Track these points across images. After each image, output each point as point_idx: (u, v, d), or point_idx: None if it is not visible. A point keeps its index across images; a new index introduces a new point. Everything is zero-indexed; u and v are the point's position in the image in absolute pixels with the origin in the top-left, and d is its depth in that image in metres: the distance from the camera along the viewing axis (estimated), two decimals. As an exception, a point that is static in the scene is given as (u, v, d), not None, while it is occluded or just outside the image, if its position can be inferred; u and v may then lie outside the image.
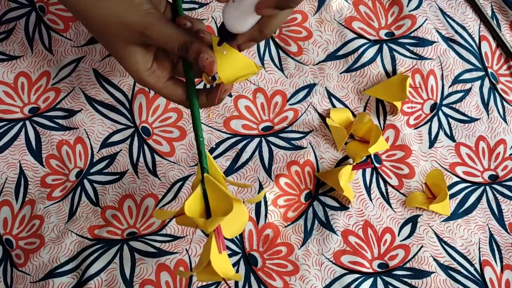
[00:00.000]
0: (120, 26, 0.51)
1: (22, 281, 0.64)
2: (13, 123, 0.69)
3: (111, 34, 0.52)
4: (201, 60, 0.49)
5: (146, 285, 0.64)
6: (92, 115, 0.70)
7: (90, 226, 0.66)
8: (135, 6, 0.51)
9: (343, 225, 0.68)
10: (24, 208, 0.67)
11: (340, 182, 0.64)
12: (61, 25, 0.73)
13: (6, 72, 0.71)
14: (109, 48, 0.55)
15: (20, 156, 0.69)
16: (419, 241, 0.68)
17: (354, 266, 0.66)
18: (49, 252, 0.65)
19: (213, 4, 0.73)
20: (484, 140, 0.73)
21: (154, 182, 0.68)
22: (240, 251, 0.66)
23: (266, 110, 0.72)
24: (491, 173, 0.72)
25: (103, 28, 0.53)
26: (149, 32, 0.51)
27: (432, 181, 0.69)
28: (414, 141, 0.72)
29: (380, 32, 0.75)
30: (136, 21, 0.51)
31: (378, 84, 0.73)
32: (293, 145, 0.70)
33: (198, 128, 0.54)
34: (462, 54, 0.75)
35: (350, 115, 0.71)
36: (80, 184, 0.68)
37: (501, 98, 0.75)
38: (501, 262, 0.68)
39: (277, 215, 0.67)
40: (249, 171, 0.69)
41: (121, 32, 0.52)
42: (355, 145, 0.70)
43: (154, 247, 0.65)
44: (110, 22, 0.52)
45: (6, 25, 0.72)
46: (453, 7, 0.77)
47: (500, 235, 0.69)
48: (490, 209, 0.70)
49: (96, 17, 0.52)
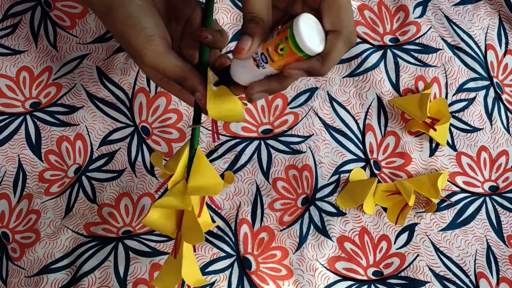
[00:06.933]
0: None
1: (17, 275, 0.65)
2: (14, 117, 0.70)
3: None
4: (196, 98, 0.49)
5: (140, 284, 0.64)
6: (93, 112, 0.70)
7: (86, 223, 0.66)
8: (141, 30, 0.50)
9: (339, 231, 0.67)
10: (22, 202, 0.68)
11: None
12: (67, 22, 0.73)
13: (9, 66, 0.71)
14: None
15: (20, 150, 0.69)
16: (415, 250, 0.67)
17: (349, 273, 0.66)
18: (44, 247, 0.65)
19: (216, 5, 0.73)
20: (486, 150, 0.72)
21: (151, 181, 0.68)
22: (234, 253, 0.66)
23: (266, 113, 0.71)
24: (491, 184, 0.71)
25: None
26: (147, 58, 0.49)
27: (436, 109, 0.70)
28: (415, 149, 0.71)
29: (384, 38, 0.75)
30: (137, 42, 0.50)
31: (406, 96, 0.73)
32: (292, 149, 0.70)
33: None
34: (467, 63, 0.75)
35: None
36: (78, 181, 0.68)
37: (505, 108, 0.74)
38: (497, 275, 0.67)
39: (273, 219, 0.67)
40: (247, 173, 0.69)
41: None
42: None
43: (148, 246, 0.65)
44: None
45: (12, 19, 0.72)
46: (460, 14, 0.77)
47: (498, 247, 0.68)
48: (489, 220, 0.69)
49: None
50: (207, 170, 0.50)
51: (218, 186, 0.49)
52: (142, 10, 0.50)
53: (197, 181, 0.50)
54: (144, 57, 0.49)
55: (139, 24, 0.49)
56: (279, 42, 0.43)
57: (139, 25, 0.49)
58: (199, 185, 0.50)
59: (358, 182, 0.69)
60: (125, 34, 0.49)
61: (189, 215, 0.51)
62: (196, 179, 0.50)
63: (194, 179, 0.50)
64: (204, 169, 0.50)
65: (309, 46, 0.42)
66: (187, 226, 0.51)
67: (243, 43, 0.45)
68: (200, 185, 0.50)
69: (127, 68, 0.71)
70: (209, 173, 0.50)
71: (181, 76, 0.49)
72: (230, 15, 0.72)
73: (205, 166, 0.51)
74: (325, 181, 0.69)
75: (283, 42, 0.43)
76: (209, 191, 0.49)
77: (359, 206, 0.68)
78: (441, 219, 0.69)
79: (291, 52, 0.43)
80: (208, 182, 0.50)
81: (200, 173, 0.50)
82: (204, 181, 0.50)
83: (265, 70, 0.45)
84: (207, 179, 0.50)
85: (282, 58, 0.43)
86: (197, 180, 0.50)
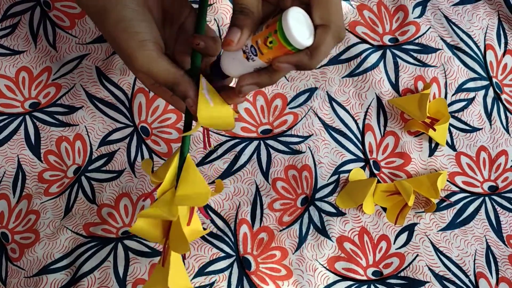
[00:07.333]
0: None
1: (16, 275, 0.65)
2: (13, 118, 0.70)
3: None
4: (187, 104, 0.49)
5: (139, 284, 0.64)
6: (93, 112, 0.70)
7: (86, 223, 0.66)
8: (133, 34, 0.49)
9: (339, 231, 0.67)
10: (21, 203, 0.68)
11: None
12: (66, 22, 0.73)
13: (8, 66, 0.71)
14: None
15: (19, 151, 0.69)
16: (415, 250, 0.67)
17: (348, 273, 0.66)
18: (43, 247, 0.65)
19: (216, 5, 0.73)
20: (485, 150, 0.72)
21: (151, 182, 0.68)
22: (234, 254, 0.66)
23: (265, 113, 0.71)
24: (491, 184, 0.71)
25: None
26: (138, 63, 0.49)
27: (436, 109, 0.70)
28: (414, 149, 0.71)
29: (384, 38, 0.75)
30: (129, 46, 0.49)
31: (405, 96, 0.73)
32: (292, 149, 0.70)
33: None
34: (466, 63, 0.75)
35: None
36: (77, 181, 0.68)
37: (504, 108, 0.74)
38: (497, 275, 0.67)
39: (272, 219, 0.67)
40: (246, 174, 0.69)
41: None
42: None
43: (148, 246, 0.65)
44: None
45: (11, 19, 0.72)
46: (460, 14, 0.77)
47: (497, 247, 0.68)
48: (489, 220, 0.69)
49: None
50: (196, 179, 0.50)
51: (206, 195, 0.49)
52: (135, 14, 0.49)
53: (185, 190, 0.50)
54: (136, 61, 0.48)
55: (131, 28, 0.49)
56: (268, 35, 0.43)
57: (131, 29, 0.49)
58: (186, 194, 0.49)
59: (358, 182, 0.69)
60: (117, 38, 0.49)
61: (175, 225, 0.50)
62: (184, 188, 0.50)
63: (182, 187, 0.50)
64: (193, 177, 0.50)
65: (298, 40, 0.42)
66: (173, 236, 0.51)
67: (232, 35, 0.45)
68: (188, 194, 0.49)
69: (127, 68, 0.71)
70: (197, 181, 0.50)
71: (172, 82, 0.49)
72: (230, 15, 0.72)
73: (194, 174, 0.50)
74: (325, 181, 0.69)
75: (272, 35, 0.43)
76: (197, 201, 0.49)
77: (358, 206, 0.68)
78: (441, 219, 0.69)
79: (280, 45, 0.43)
80: (196, 191, 0.49)
81: (189, 182, 0.50)
82: (192, 190, 0.49)
83: (255, 63, 0.45)
84: (196, 188, 0.50)
85: (271, 51, 0.44)
86: (185, 189, 0.50)
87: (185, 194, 0.49)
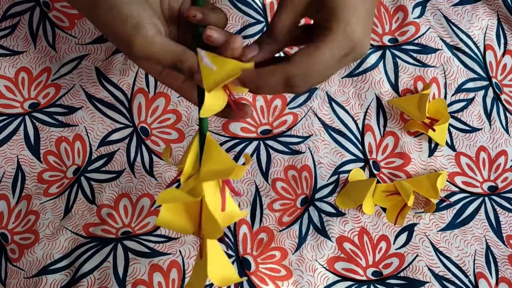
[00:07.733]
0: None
1: (16, 276, 0.65)
2: (13, 118, 0.70)
3: None
4: (196, 81, 0.48)
5: (139, 285, 0.64)
6: (92, 113, 0.70)
7: (85, 224, 0.66)
8: (126, 18, 0.47)
9: (338, 232, 0.67)
10: (20, 203, 0.67)
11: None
12: (66, 22, 0.73)
13: (7, 66, 0.71)
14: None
15: (18, 151, 0.69)
16: (415, 250, 0.67)
17: (348, 274, 0.66)
18: (43, 248, 0.65)
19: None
20: (485, 150, 0.72)
21: (150, 182, 0.68)
22: (233, 254, 0.66)
23: (265, 114, 0.71)
24: (490, 184, 0.71)
25: None
26: (136, 47, 0.47)
27: (435, 109, 0.70)
28: (414, 149, 0.71)
29: (383, 38, 0.75)
30: (124, 31, 0.47)
31: (404, 97, 0.73)
32: (292, 149, 0.70)
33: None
34: (466, 63, 0.75)
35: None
36: (77, 181, 0.68)
37: (504, 108, 0.74)
38: (497, 275, 0.67)
39: (272, 219, 0.67)
40: (246, 174, 0.69)
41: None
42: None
43: (148, 247, 0.65)
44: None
45: (11, 20, 0.72)
46: (459, 14, 0.77)
47: (497, 247, 0.68)
48: (488, 220, 0.69)
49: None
50: (220, 154, 0.48)
51: (232, 168, 0.47)
52: None
53: (210, 167, 0.48)
54: (133, 45, 0.46)
55: (123, 12, 0.47)
56: None
57: (123, 13, 0.47)
58: (212, 169, 0.47)
59: (357, 183, 0.69)
60: (110, 25, 0.47)
61: (204, 208, 0.48)
62: (209, 165, 0.48)
63: (206, 165, 0.48)
64: (216, 153, 0.48)
65: None
66: (205, 221, 0.48)
67: (250, 49, 0.48)
68: (213, 169, 0.47)
69: (126, 68, 0.71)
70: (222, 157, 0.48)
71: (176, 60, 0.47)
72: (230, 15, 0.72)
73: (216, 150, 0.48)
74: (324, 181, 0.69)
75: None
76: (226, 174, 0.47)
77: (358, 206, 0.68)
78: (440, 219, 0.69)
79: None
80: (221, 167, 0.47)
81: (212, 159, 0.48)
82: (218, 166, 0.48)
83: None
84: (221, 163, 0.48)
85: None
86: (210, 166, 0.48)
87: (211, 169, 0.47)
